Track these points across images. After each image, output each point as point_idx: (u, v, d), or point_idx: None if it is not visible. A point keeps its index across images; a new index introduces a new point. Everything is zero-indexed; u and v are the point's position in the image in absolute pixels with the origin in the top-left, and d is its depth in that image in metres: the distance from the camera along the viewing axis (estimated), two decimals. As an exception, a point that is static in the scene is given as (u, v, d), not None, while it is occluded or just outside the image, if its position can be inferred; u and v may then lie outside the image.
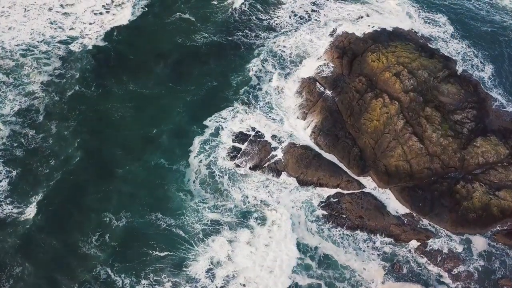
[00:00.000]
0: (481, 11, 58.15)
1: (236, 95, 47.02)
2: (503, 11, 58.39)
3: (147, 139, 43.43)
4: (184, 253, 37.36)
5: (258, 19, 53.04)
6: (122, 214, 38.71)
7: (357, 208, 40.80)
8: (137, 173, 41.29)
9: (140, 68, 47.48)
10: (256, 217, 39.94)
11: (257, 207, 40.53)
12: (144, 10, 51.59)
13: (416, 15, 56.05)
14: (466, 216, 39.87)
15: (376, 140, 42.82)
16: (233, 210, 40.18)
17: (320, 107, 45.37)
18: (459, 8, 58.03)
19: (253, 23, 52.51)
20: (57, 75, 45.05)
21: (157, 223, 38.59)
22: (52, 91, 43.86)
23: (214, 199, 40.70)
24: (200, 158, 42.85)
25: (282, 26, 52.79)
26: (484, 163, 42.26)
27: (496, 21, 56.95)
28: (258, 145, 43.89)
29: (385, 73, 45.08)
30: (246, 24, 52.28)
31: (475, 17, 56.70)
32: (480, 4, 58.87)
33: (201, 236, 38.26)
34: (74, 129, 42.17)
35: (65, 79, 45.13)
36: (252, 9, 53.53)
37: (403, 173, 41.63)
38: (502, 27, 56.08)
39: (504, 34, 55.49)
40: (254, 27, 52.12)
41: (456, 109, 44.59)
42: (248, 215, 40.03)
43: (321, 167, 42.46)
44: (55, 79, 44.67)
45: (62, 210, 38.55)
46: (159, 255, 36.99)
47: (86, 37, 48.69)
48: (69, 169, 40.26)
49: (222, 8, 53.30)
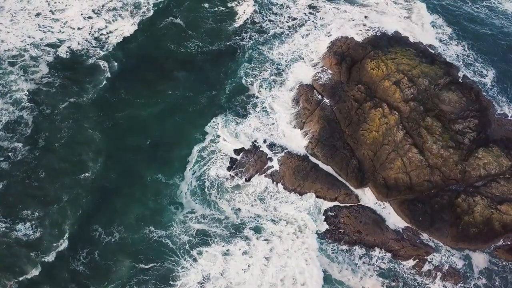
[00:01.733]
0: (480, 14, 56.78)
1: (230, 103, 45.68)
2: (503, 15, 56.99)
3: (141, 151, 41.97)
4: (173, 266, 36.33)
5: (253, 23, 51.35)
6: (113, 228, 37.56)
7: (355, 223, 39.73)
8: (131, 188, 39.97)
9: (133, 75, 45.84)
10: (253, 231, 38.86)
11: (252, 219, 39.43)
12: (138, 15, 49.58)
13: (417, 17, 54.69)
14: (467, 231, 38.87)
15: (375, 151, 41.62)
16: (226, 223, 39.08)
17: (318, 116, 44.07)
18: (457, 11, 56.65)
19: (248, 27, 50.82)
20: (44, 83, 43.28)
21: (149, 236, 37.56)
22: (42, 101, 42.28)
23: (207, 211, 39.57)
24: (195, 170, 41.63)
25: (278, 30, 51.10)
26: (486, 175, 41.17)
27: (496, 25, 55.56)
28: (254, 156, 42.67)
29: (385, 81, 43.75)
30: (242, 29, 50.61)
31: (475, 21, 55.38)
32: (479, 8, 57.45)
33: (189, 248, 37.09)
34: (65, 141, 40.60)
35: (52, 87, 43.35)
36: (248, 13, 51.78)
37: (403, 186, 40.51)
38: (502, 32, 54.68)
39: (505, 39, 54.15)
40: (249, 32, 50.45)
41: (457, 118, 43.36)
42: (242, 228, 38.94)
43: (319, 179, 41.29)
44: (42, 87, 42.95)
45: (52, 223, 37.24)
46: (145, 267, 35.96)
47: (74, 41, 46.75)
48: (59, 182, 38.92)
49: (216, 13, 51.45)
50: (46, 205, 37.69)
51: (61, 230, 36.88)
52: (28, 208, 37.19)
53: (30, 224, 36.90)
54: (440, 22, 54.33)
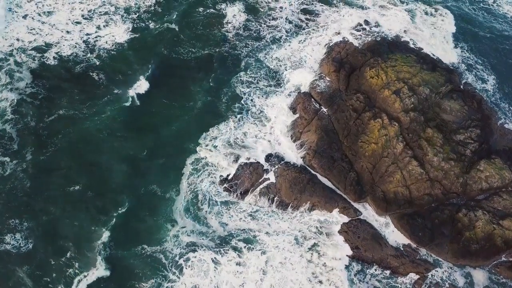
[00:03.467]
0: (478, 17, 55.29)
1: (226, 112, 44.39)
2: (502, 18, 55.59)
3: (136, 163, 40.67)
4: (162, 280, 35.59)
5: (249, 29, 49.71)
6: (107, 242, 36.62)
7: (353, 238, 38.66)
8: (125, 201, 38.79)
9: (126, 84, 44.31)
10: (245, 244, 37.93)
11: (245, 233, 38.45)
12: (129, 20, 47.96)
13: (418, 20, 53.20)
14: (468, 247, 37.81)
15: (374, 164, 40.41)
16: (216, 236, 38.18)
17: (315, 126, 42.79)
18: (459, 12, 55.19)
19: (244, 33, 49.23)
20: (28, 93, 41.69)
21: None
22: (26, 112, 40.85)
23: (200, 227, 38.56)
24: (189, 183, 40.47)
25: (274, 35, 49.50)
26: (488, 188, 40.05)
27: (497, 29, 54.12)
28: (249, 168, 41.43)
29: (385, 91, 42.40)
30: (237, 34, 48.99)
31: (477, 25, 53.87)
32: (478, 10, 56.02)
33: (182, 263, 36.21)
34: (52, 154, 39.33)
35: (37, 99, 41.83)
36: (243, 17, 50.14)
37: (402, 200, 39.38)
38: (502, 36, 53.25)
39: (507, 43, 52.76)
40: (244, 37, 48.86)
41: (459, 128, 42.12)
42: (234, 243, 37.96)
43: (316, 192, 40.15)
44: (26, 97, 41.43)
45: (40, 240, 36.19)
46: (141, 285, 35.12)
47: (63, 46, 45.04)
48: (49, 196, 37.81)
49: (210, 17, 49.73)
50: (35, 218, 36.75)
51: (51, 243, 36.03)
52: (17, 220, 36.36)
53: (20, 235, 35.98)
54: (443, 25, 52.81)
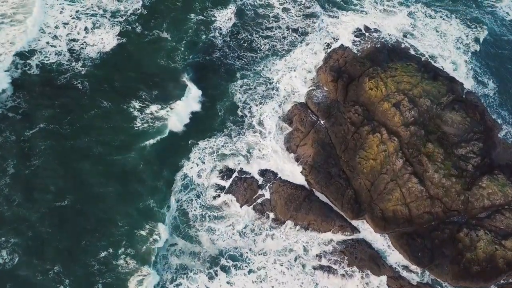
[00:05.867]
0: (484, 20, 53.52)
1: (221, 125, 42.61)
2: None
3: (125, 177, 39.09)
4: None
5: (242, 38, 47.47)
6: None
7: (350, 259, 37.48)
8: (113, 217, 37.42)
9: (113, 93, 42.52)
10: (236, 262, 36.96)
11: (237, 252, 37.36)
12: (119, 26, 45.77)
13: (419, 24, 51.44)
14: (469, 268, 36.67)
15: (372, 181, 39.02)
16: (210, 258, 37.05)
17: (312, 140, 41.29)
18: (463, 16, 53.37)
19: (238, 41, 47.15)
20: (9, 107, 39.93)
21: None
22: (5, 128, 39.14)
23: (190, 245, 37.35)
24: (178, 199, 39.02)
25: (271, 43, 47.53)
26: (490, 205, 38.73)
27: (503, 34, 52.41)
28: (243, 183, 40.08)
29: (384, 103, 40.80)
30: (231, 43, 46.91)
31: (482, 30, 52.09)
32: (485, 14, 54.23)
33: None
34: (34, 170, 37.69)
35: (17, 113, 40.10)
36: (237, 26, 48.12)
37: (401, 218, 38.08)
38: (508, 42, 51.62)
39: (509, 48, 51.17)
40: (238, 46, 46.83)
41: (460, 141, 40.64)
42: (225, 262, 36.93)
43: (312, 210, 38.85)
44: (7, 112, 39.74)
45: (26, 257, 34.81)
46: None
47: (47, 53, 42.61)
48: (35, 211, 36.25)
49: (203, 24, 47.63)
50: (20, 234, 35.19)
51: (37, 260, 34.60)
52: (3, 238, 34.78)
53: (6, 252, 34.66)
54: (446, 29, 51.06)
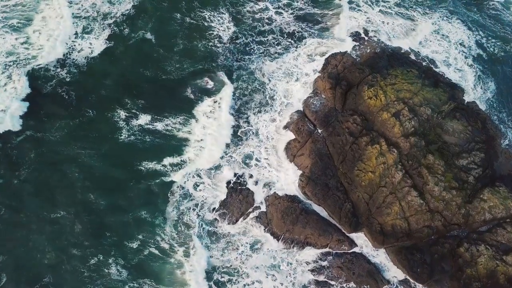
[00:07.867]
0: (486, 24, 52.03)
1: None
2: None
3: (118, 188, 38.19)
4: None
5: (237, 42, 45.81)
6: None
7: (348, 274, 36.63)
8: (108, 227, 36.65)
9: (104, 101, 41.18)
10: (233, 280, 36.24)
11: (232, 270, 36.63)
12: (107, 30, 44.03)
13: (419, 27, 50.01)
14: (470, 285, 35.80)
15: (371, 194, 38.00)
16: (206, 275, 36.19)
17: (309, 150, 40.21)
18: (465, 19, 51.84)
19: (232, 46, 45.52)
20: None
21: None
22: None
23: (185, 260, 36.49)
24: (175, 209, 38.08)
25: (267, 48, 45.88)
26: (491, 219, 37.78)
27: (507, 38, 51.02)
28: (239, 195, 39.11)
29: (383, 113, 39.60)
30: (224, 47, 45.12)
31: (484, 34, 50.65)
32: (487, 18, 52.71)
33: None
34: (24, 178, 36.67)
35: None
36: (231, 29, 46.37)
37: (400, 233, 37.14)
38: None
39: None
40: (233, 51, 45.19)
41: (461, 151, 39.52)
42: (220, 278, 36.28)
43: (309, 224, 37.91)
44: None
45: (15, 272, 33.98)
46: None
47: (31, 59, 41.01)
48: (26, 221, 35.54)
49: (195, 27, 45.81)
50: (10, 247, 34.65)
51: (27, 274, 34.05)
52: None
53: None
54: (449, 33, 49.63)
